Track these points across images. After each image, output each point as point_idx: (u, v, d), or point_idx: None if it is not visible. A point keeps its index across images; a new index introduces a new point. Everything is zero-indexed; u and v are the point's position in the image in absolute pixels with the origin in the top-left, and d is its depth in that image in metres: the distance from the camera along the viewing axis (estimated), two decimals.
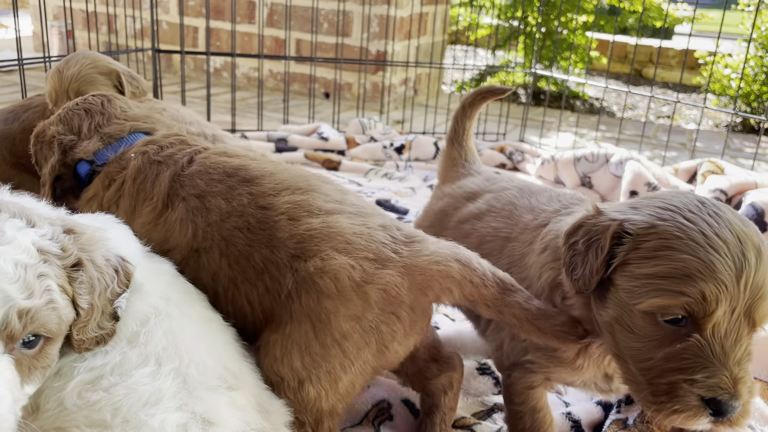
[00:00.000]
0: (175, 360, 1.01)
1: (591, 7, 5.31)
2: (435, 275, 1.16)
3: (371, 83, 4.80)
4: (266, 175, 1.29)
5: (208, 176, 1.30)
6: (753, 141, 4.67)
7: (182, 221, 1.26)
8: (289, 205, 1.22)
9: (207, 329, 1.12)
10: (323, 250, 1.16)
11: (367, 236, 1.19)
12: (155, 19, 3.64)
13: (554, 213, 1.35)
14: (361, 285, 1.13)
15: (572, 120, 4.89)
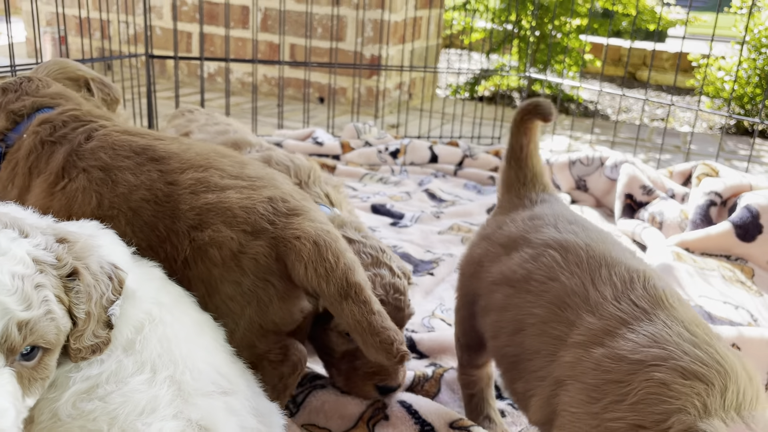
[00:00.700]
0: (170, 367, 1.01)
1: (584, 10, 5.32)
2: (289, 246, 1.26)
3: (366, 88, 4.80)
4: (173, 155, 1.37)
5: (114, 152, 1.36)
6: (747, 143, 4.69)
7: (85, 191, 1.32)
8: (192, 182, 1.32)
9: (200, 333, 1.13)
10: (215, 223, 1.27)
11: (249, 209, 1.29)
12: (149, 25, 3.63)
13: (621, 323, 1.00)
14: (237, 255, 1.26)
15: (567, 123, 4.89)
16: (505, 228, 1.32)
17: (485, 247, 1.34)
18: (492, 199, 3.02)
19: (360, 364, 1.43)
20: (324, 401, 1.43)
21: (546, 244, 1.20)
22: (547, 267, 1.14)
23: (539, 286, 1.13)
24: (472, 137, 4.01)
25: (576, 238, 1.18)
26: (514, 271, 1.20)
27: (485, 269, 1.29)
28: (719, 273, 2.24)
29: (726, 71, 5.18)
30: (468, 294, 1.37)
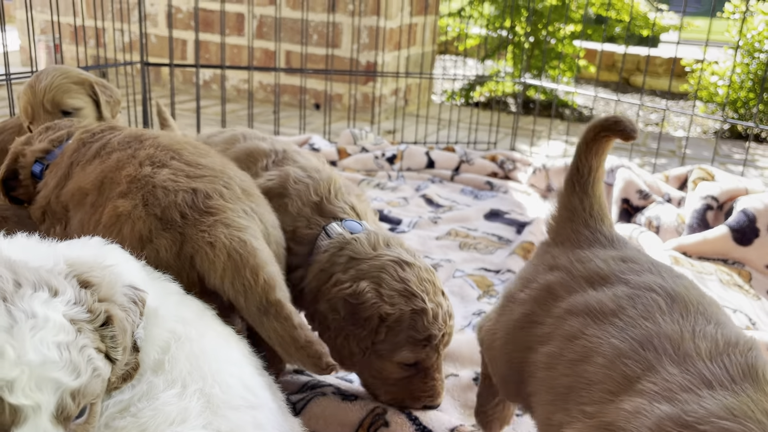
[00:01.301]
0: (199, 381, 1.01)
1: (578, 16, 5.35)
2: (200, 252, 1.22)
3: (362, 94, 4.80)
4: (154, 138, 1.46)
5: (123, 139, 1.48)
6: (741, 147, 4.71)
7: (94, 169, 1.42)
8: (144, 156, 1.37)
9: (226, 346, 1.13)
10: (136, 198, 1.28)
11: (169, 192, 1.29)
12: (144, 33, 3.63)
13: (703, 384, 0.87)
14: (143, 241, 1.25)
15: (562, 128, 4.91)
16: (589, 264, 1.15)
17: (561, 276, 1.16)
18: (489, 204, 3.03)
19: (414, 389, 1.43)
20: (324, 408, 1.42)
21: (649, 287, 1.05)
22: (646, 308, 1.01)
23: (628, 321, 0.99)
24: (468, 143, 4.02)
25: (687, 292, 1.04)
26: (601, 303, 1.05)
27: (559, 297, 1.13)
28: (717, 277, 2.24)
29: (720, 76, 5.21)
30: (522, 321, 1.19)
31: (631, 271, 1.10)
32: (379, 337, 1.37)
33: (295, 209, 1.58)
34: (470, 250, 2.54)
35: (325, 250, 1.49)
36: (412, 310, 1.37)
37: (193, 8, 3.75)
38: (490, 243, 2.62)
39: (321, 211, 1.58)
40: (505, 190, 3.28)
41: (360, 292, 1.37)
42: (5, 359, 0.77)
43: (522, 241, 2.52)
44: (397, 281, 1.39)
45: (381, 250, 1.46)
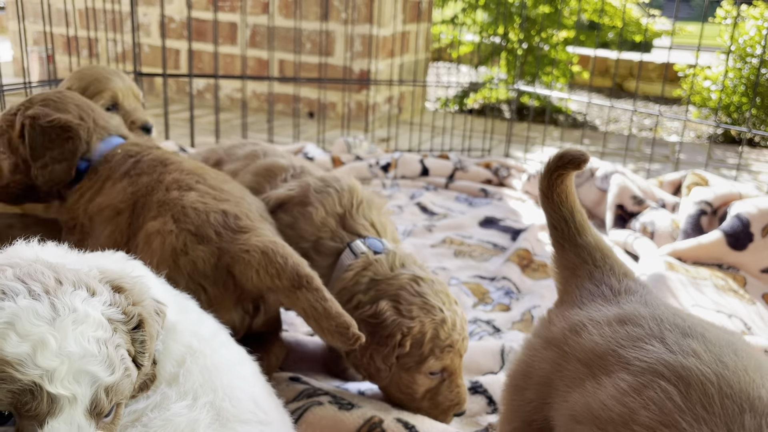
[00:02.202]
0: (210, 394, 1.04)
1: (571, 22, 5.37)
2: (239, 260, 1.39)
3: (355, 102, 4.80)
4: (178, 163, 1.60)
5: (149, 164, 1.61)
6: (735, 152, 4.72)
7: (124, 188, 1.58)
8: (171, 180, 1.52)
9: (238, 364, 1.16)
10: (166, 215, 1.43)
11: (200, 212, 1.44)
12: (137, 42, 3.62)
13: None
14: (177, 252, 1.40)
15: (556, 134, 4.91)
16: (584, 335, 0.98)
17: (554, 360, 1.00)
18: (483, 211, 3.02)
19: (441, 399, 1.50)
20: (321, 417, 1.42)
21: (654, 371, 0.85)
22: (659, 407, 0.80)
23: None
24: (463, 150, 4.02)
25: (700, 365, 0.83)
26: (606, 407, 0.85)
27: (560, 394, 0.96)
28: (712, 282, 2.24)
29: (712, 81, 5.23)
30: (530, 421, 1.04)
31: (630, 342, 0.92)
32: (404, 350, 1.44)
33: (320, 219, 1.62)
34: (465, 258, 2.53)
35: (348, 268, 1.55)
36: (433, 321, 1.46)
37: (186, 18, 3.75)
38: (485, 250, 2.61)
39: (344, 225, 1.63)
40: (500, 197, 3.28)
41: (379, 312, 1.46)
42: (47, 349, 0.78)
43: (517, 248, 2.52)
44: (414, 296, 1.48)
45: (397, 270, 1.54)
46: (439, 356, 1.46)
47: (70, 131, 1.63)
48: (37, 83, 3.06)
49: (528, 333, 1.17)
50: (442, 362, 1.47)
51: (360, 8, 4.58)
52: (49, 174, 1.62)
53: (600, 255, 1.15)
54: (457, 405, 1.51)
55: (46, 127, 1.62)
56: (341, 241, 1.60)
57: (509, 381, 1.13)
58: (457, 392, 1.50)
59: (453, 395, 1.50)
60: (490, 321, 2.04)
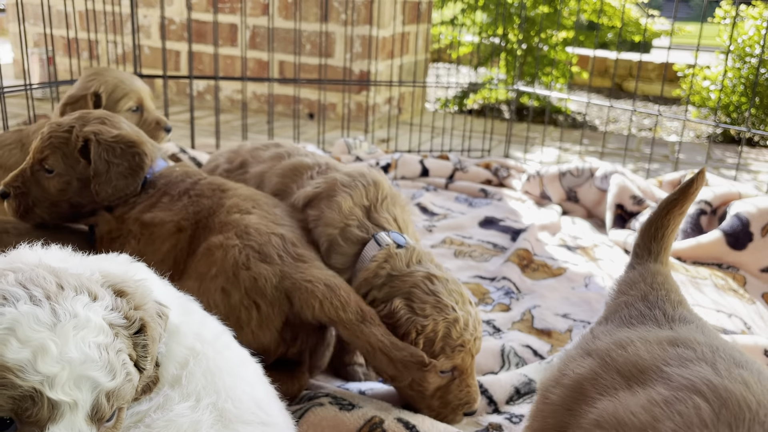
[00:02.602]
0: (213, 395, 1.04)
1: (570, 23, 5.38)
2: (301, 288, 1.43)
3: (355, 103, 4.81)
4: (234, 190, 1.70)
5: (207, 188, 1.71)
6: (734, 151, 4.73)
7: (183, 206, 1.67)
8: (231, 204, 1.61)
9: (241, 366, 1.16)
10: (229, 231, 1.51)
11: (262, 233, 1.52)
12: (137, 44, 3.63)
13: None
14: (239, 266, 1.45)
15: (556, 135, 4.92)
16: (629, 349, 0.95)
17: (591, 368, 0.96)
18: (483, 211, 3.03)
19: (451, 398, 1.51)
20: (322, 418, 1.42)
21: (693, 387, 0.82)
22: (685, 420, 0.77)
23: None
24: (462, 150, 4.03)
25: (745, 391, 0.79)
26: (632, 414, 0.82)
27: (589, 399, 0.92)
28: (711, 281, 2.25)
29: (711, 80, 5.24)
30: (547, 426, 1.02)
31: (678, 362, 0.88)
32: (418, 348, 1.45)
33: (347, 207, 1.65)
34: (465, 258, 2.54)
35: (373, 259, 1.57)
36: (446, 320, 1.47)
37: (186, 19, 3.76)
38: (485, 250, 2.62)
39: (370, 217, 1.66)
40: (500, 197, 3.28)
41: (394, 311, 1.47)
42: (48, 355, 0.78)
43: (517, 248, 2.52)
44: (428, 294, 1.49)
45: (413, 266, 1.56)
46: (450, 355, 1.47)
47: (136, 146, 1.67)
48: (38, 85, 3.07)
49: (563, 347, 1.14)
50: (453, 361, 1.48)
51: (360, 9, 4.59)
52: (113, 189, 1.64)
53: (660, 279, 1.13)
54: (467, 404, 1.52)
55: (112, 143, 1.64)
56: (367, 232, 1.62)
57: (538, 390, 1.11)
58: (467, 391, 1.51)
59: (463, 394, 1.51)
60: (490, 321, 2.04)
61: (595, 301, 2.24)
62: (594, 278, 2.41)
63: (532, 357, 1.87)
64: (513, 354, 1.86)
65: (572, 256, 2.60)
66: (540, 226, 2.79)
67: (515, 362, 1.83)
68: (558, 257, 2.57)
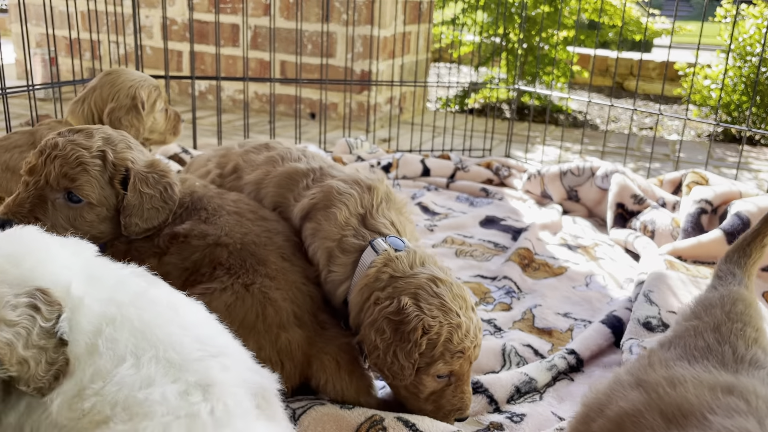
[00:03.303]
0: (150, 350, 1.02)
1: (571, 22, 5.38)
2: (321, 359, 1.53)
3: (356, 103, 4.82)
4: (272, 227, 1.72)
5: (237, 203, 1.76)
6: (735, 150, 4.73)
7: (228, 222, 1.70)
8: (278, 245, 1.66)
9: (173, 315, 1.12)
10: (281, 287, 1.55)
11: (303, 293, 1.58)
12: (139, 44, 3.64)
13: None
14: (281, 328, 1.49)
15: (557, 134, 4.93)
16: (678, 389, 0.88)
17: (636, 403, 0.90)
18: (484, 211, 3.04)
19: (444, 403, 1.50)
20: (324, 414, 1.43)
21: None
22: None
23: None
24: (464, 150, 4.04)
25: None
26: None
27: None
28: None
29: (712, 79, 5.24)
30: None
31: (725, 412, 0.81)
32: (420, 349, 1.43)
33: (343, 218, 1.63)
34: (466, 258, 2.55)
35: (371, 265, 1.55)
36: (449, 324, 1.44)
37: (188, 20, 3.77)
38: (486, 250, 2.63)
39: (366, 224, 1.64)
40: (501, 196, 3.29)
41: (402, 307, 1.43)
42: None
43: (518, 248, 2.53)
44: (433, 296, 1.46)
45: (417, 268, 1.52)
46: (449, 361, 1.44)
47: (167, 176, 1.62)
48: (40, 86, 3.08)
49: (617, 369, 1.07)
50: (451, 367, 1.46)
51: (361, 9, 4.59)
52: (143, 222, 1.59)
53: (741, 308, 1.04)
54: (459, 410, 1.50)
55: (147, 172, 1.59)
56: (364, 239, 1.60)
57: (582, 408, 1.04)
58: (461, 398, 1.49)
59: (456, 400, 1.49)
60: (491, 320, 2.05)
61: (596, 300, 2.24)
62: (595, 277, 2.41)
63: (533, 356, 1.88)
64: (514, 353, 1.86)
65: (573, 255, 2.61)
66: (541, 225, 2.80)
67: (516, 361, 1.84)
68: (559, 256, 2.58)
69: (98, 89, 2.26)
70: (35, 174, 1.51)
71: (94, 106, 2.25)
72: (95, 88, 2.28)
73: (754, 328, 1.02)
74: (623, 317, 2.01)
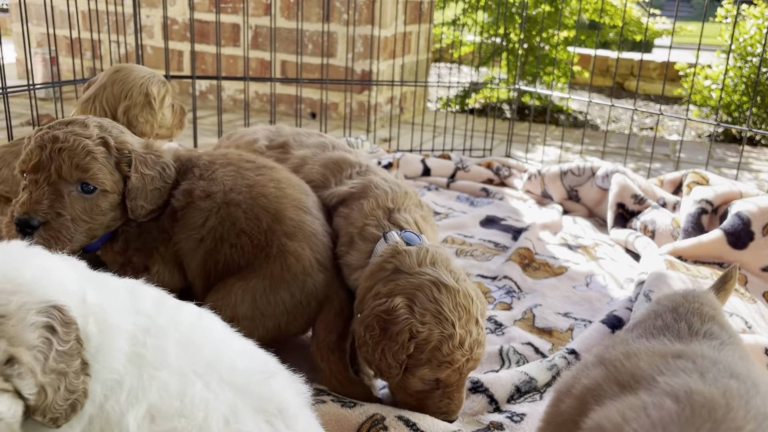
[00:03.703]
0: (213, 373, 0.99)
1: (572, 22, 5.38)
2: (331, 298, 1.64)
3: (357, 102, 4.82)
4: (289, 180, 1.78)
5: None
6: (735, 150, 4.73)
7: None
8: (293, 198, 1.71)
9: (210, 330, 1.10)
10: (301, 240, 1.62)
11: (325, 245, 1.68)
12: (140, 44, 3.64)
13: None
14: (306, 275, 1.60)
15: (557, 134, 4.93)
16: (632, 360, 0.94)
17: (597, 378, 0.96)
18: (485, 210, 3.04)
19: (430, 404, 1.49)
20: (325, 413, 1.44)
21: (671, 392, 0.80)
22: (651, 421, 0.75)
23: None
24: (464, 150, 4.04)
25: (721, 398, 0.77)
26: (608, 418, 0.82)
27: (589, 410, 0.90)
28: (712, 281, 2.25)
29: (713, 80, 5.24)
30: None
31: (672, 372, 0.86)
32: (408, 351, 1.42)
33: (369, 208, 1.69)
34: (467, 257, 2.55)
35: (381, 254, 1.57)
36: (441, 333, 1.41)
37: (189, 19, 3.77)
38: (487, 249, 2.63)
39: (390, 217, 1.68)
40: (501, 196, 3.29)
41: (393, 308, 1.42)
42: None
43: (518, 247, 2.53)
44: (430, 302, 1.43)
45: (424, 267, 1.49)
46: (435, 368, 1.42)
47: (163, 156, 1.64)
48: (41, 85, 3.08)
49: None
50: (437, 374, 1.44)
51: (361, 9, 4.60)
52: (148, 204, 1.59)
53: (697, 293, 1.09)
54: (444, 414, 1.48)
55: (144, 154, 1.60)
56: (382, 230, 1.64)
57: (553, 393, 1.09)
58: (447, 403, 1.47)
59: (443, 405, 1.48)
60: (491, 317, 2.05)
61: (596, 300, 2.24)
62: (595, 277, 2.41)
63: (534, 354, 1.88)
64: (512, 351, 1.86)
65: (573, 255, 2.61)
66: (541, 225, 2.80)
67: (516, 360, 1.84)
68: (559, 256, 2.58)
69: (108, 87, 2.18)
70: (43, 170, 1.47)
71: (106, 104, 2.16)
72: (105, 86, 2.18)
73: (711, 307, 1.08)
74: (623, 317, 2.01)
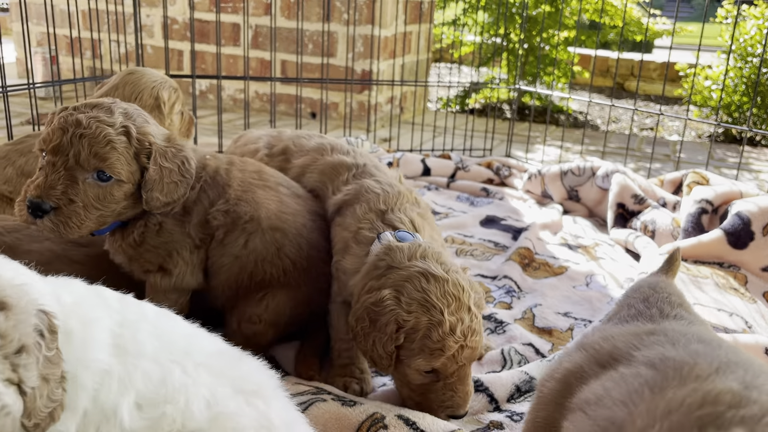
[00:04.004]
0: (186, 357, 0.99)
1: (572, 22, 5.38)
2: None
3: (357, 102, 4.82)
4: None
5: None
6: (736, 151, 4.73)
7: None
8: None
9: (174, 324, 1.09)
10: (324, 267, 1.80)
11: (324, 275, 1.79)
12: (140, 44, 3.64)
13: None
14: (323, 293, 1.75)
15: (557, 134, 4.93)
16: (610, 341, 0.99)
17: (578, 361, 1.01)
18: (485, 210, 3.04)
19: (433, 398, 1.49)
20: (325, 411, 1.44)
21: (648, 361, 0.86)
22: (629, 388, 0.80)
23: (604, 409, 0.81)
24: (464, 149, 4.04)
25: (689, 359, 0.81)
26: (591, 390, 0.88)
27: (572, 391, 0.96)
28: (713, 280, 2.25)
29: (713, 80, 5.24)
30: (541, 418, 1.06)
31: (647, 346, 0.92)
32: (398, 342, 1.44)
33: (361, 212, 1.70)
34: (467, 257, 2.55)
35: (375, 255, 1.58)
36: (429, 320, 1.42)
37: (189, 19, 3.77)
38: (487, 249, 2.63)
39: (383, 219, 1.68)
40: (501, 196, 3.29)
41: (381, 299, 1.45)
42: None
43: (518, 247, 2.53)
44: (417, 291, 1.45)
45: (414, 261, 1.51)
46: (429, 358, 1.42)
47: (184, 150, 1.62)
48: (41, 84, 3.08)
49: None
50: (432, 364, 1.43)
51: (362, 9, 4.60)
52: (164, 196, 1.57)
53: (664, 285, 1.19)
54: (450, 408, 1.48)
55: (165, 146, 1.58)
56: (376, 232, 1.64)
57: (538, 383, 1.13)
58: (450, 396, 1.47)
59: (446, 398, 1.47)
60: (492, 315, 2.05)
61: (597, 299, 2.24)
62: (595, 277, 2.41)
63: (534, 356, 1.88)
64: (514, 352, 1.86)
65: (573, 255, 2.61)
66: (541, 225, 2.80)
67: (517, 360, 1.84)
68: (559, 256, 2.58)
69: (120, 88, 2.19)
70: (61, 153, 1.46)
71: None
72: (116, 87, 2.20)
73: (677, 296, 1.18)
74: None
